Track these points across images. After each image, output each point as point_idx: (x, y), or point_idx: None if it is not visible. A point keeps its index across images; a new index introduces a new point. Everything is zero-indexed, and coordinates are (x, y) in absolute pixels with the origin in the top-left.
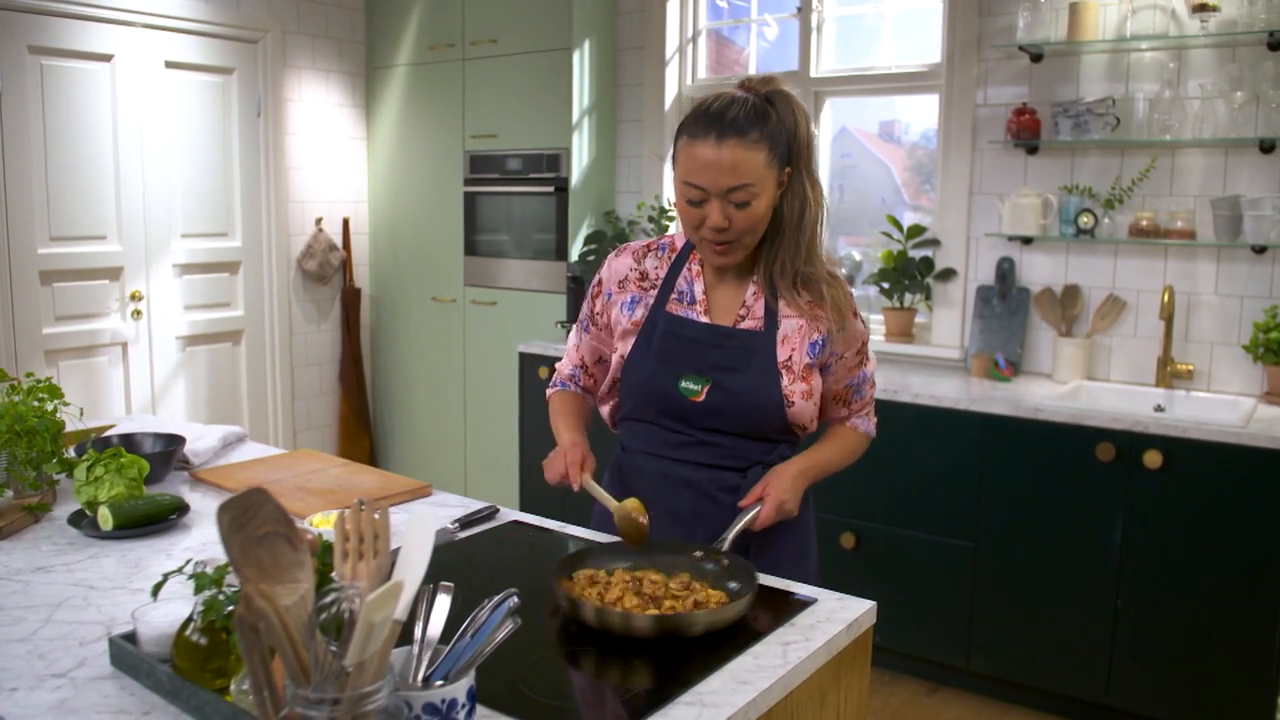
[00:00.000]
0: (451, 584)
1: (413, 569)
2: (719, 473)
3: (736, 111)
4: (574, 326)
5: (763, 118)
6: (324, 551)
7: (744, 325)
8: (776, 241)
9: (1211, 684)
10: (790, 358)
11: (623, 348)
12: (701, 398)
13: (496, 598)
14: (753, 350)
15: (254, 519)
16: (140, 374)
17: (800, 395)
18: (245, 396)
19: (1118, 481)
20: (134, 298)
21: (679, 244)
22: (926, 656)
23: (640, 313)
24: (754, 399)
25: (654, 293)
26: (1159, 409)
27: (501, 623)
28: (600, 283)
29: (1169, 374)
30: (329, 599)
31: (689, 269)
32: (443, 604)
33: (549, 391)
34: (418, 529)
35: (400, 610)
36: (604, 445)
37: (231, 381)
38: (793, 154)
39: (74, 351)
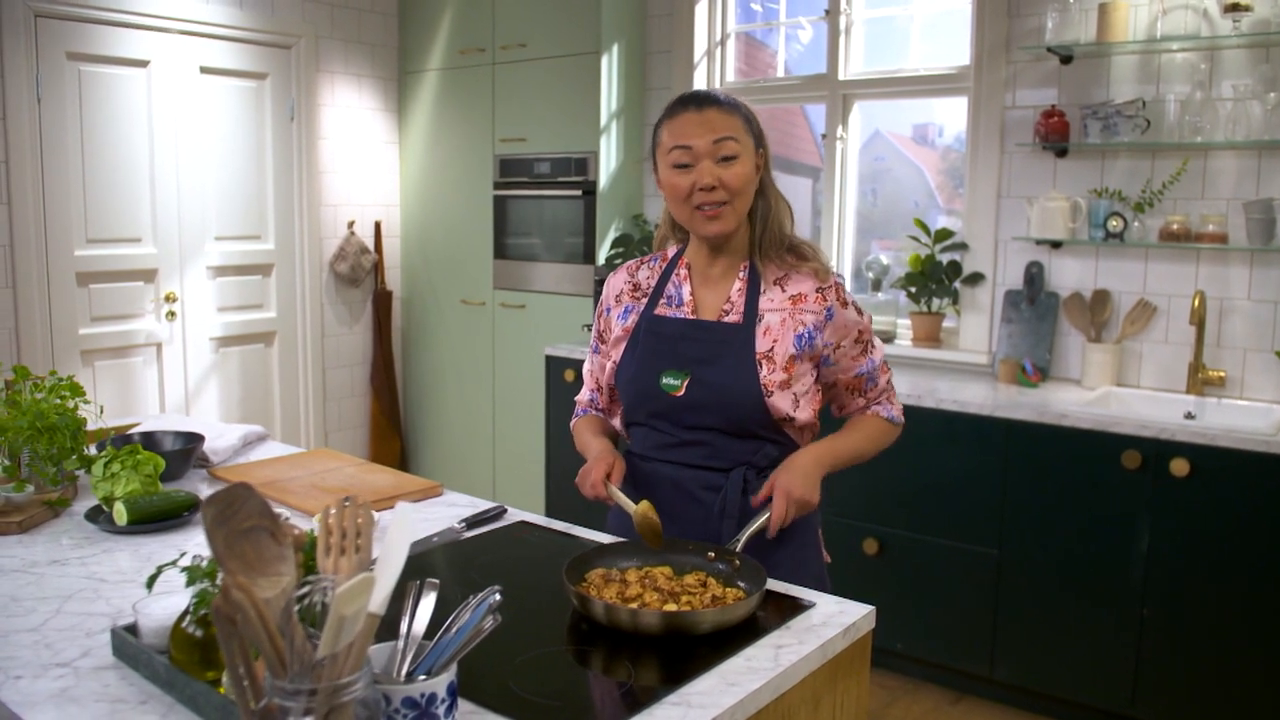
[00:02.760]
0: (437, 581)
1: (390, 565)
2: (701, 473)
3: (708, 90)
4: (587, 358)
5: (733, 98)
6: (311, 546)
7: (727, 320)
8: (766, 224)
9: (1238, 695)
10: (772, 349)
11: (615, 354)
12: (681, 392)
13: (480, 594)
14: (729, 342)
15: (239, 513)
16: (174, 374)
17: (778, 385)
18: (277, 397)
19: (1144, 489)
20: (168, 299)
21: (669, 254)
22: (950, 665)
23: (632, 319)
24: (730, 392)
25: (645, 300)
26: (1189, 416)
27: (482, 619)
28: (602, 302)
29: (1200, 380)
30: (303, 591)
31: (677, 274)
32: (429, 600)
33: (572, 421)
34: (397, 526)
35: (377, 605)
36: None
37: (264, 382)
38: (762, 145)
39: (109, 352)
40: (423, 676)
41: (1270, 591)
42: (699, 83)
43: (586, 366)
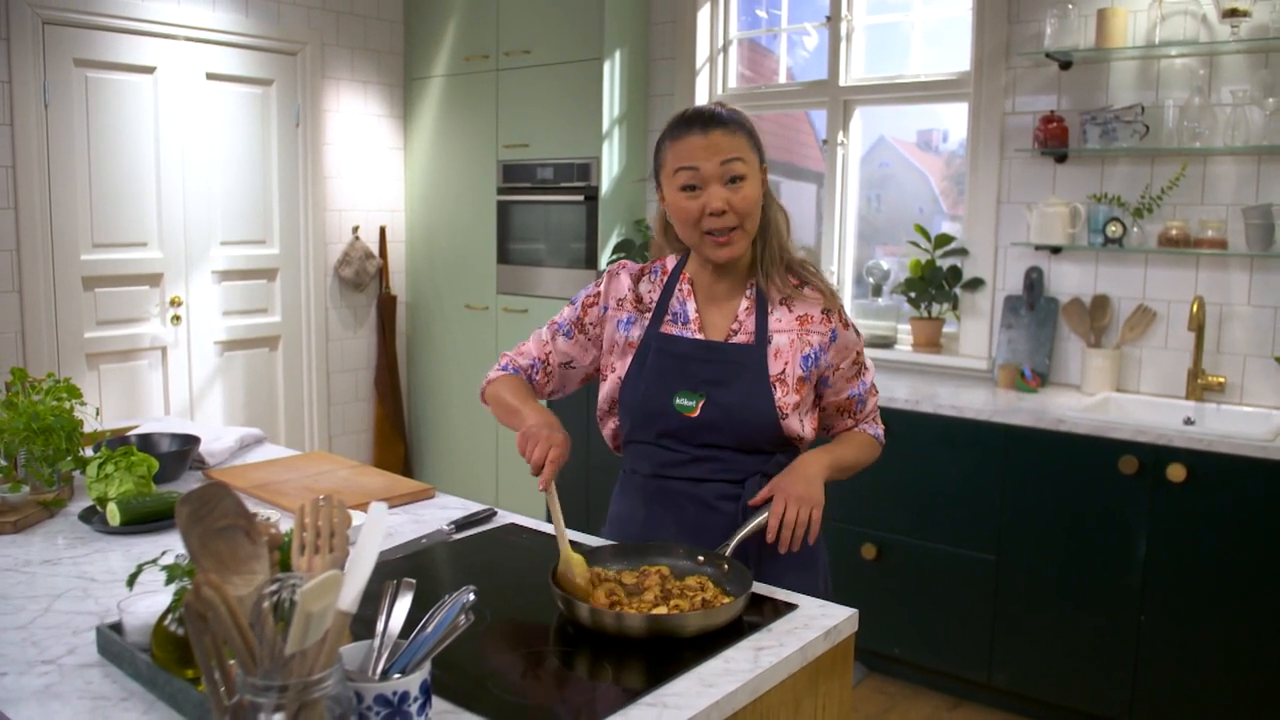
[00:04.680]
0: (414, 581)
1: (361, 563)
2: (718, 485)
3: (713, 110)
4: (544, 328)
5: (737, 115)
6: (288, 545)
7: (736, 340)
8: (766, 241)
9: (1237, 702)
10: (783, 371)
11: (620, 368)
12: (696, 413)
13: (454, 594)
14: (743, 364)
15: (213, 512)
16: (179, 378)
17: (793, 408)
18: (282, 401)
19: (1141, 495)
20: (174, 303)
21: (669, 266)
22: (948, 670)
23: (636, 333)
24: (747, 412)
25: (649, 315)
26: (1189, 421)
27: (454, 619)
28: (598, 295)
29: (1200, 386)
30: (272, 588)
31: (680, 290)
32: (405, 600)
33: (494, 373)
34: (370, 525)
35: (347, 602)
36: (607, 467)
37: (268, 386)
38: (763, 160)
39: (115, 355)
40: (397, 675)
41: (1268, 598)
42: (701, 89)
43: (541, 337)
